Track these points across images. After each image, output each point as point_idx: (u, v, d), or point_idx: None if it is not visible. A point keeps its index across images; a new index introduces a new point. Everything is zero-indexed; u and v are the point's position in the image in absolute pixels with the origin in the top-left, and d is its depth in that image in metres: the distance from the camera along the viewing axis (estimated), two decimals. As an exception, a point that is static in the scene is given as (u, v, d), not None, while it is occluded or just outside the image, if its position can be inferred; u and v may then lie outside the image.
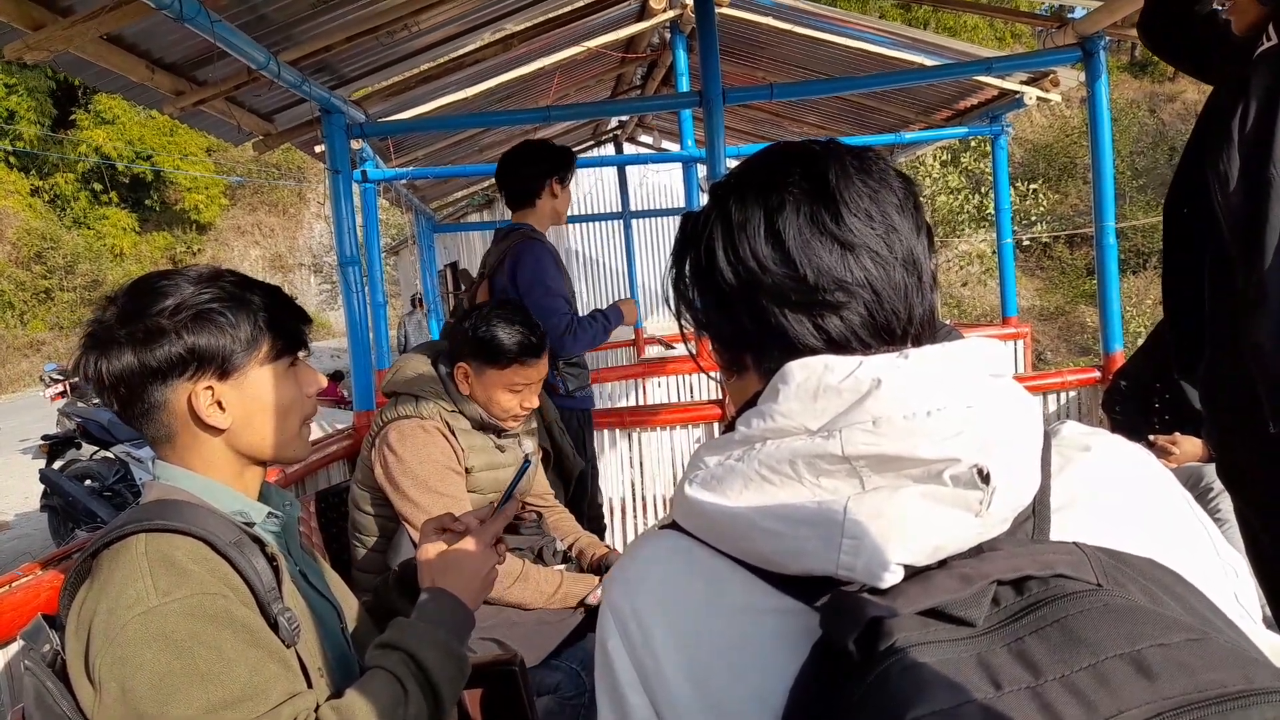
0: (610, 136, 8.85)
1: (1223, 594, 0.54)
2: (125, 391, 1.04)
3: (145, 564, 0.93)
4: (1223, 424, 1.58)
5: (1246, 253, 1.38)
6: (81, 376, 1.05)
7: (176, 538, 0.97)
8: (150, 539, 0.96)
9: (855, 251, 0.59)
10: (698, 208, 2.61)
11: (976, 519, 0.50)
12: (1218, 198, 1.42)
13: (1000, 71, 4.44)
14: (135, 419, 1.07)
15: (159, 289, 1.04)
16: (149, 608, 0.90)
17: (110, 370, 1.02)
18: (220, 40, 2.33)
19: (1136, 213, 16.48)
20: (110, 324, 1.03)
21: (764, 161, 0.65)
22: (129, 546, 0.95)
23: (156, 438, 1.08)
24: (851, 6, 18.07)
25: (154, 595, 0.91)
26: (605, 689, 0.59)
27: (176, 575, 0.93)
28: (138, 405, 1.05)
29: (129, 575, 0.93)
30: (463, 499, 1.94)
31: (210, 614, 0.92)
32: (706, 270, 0.64)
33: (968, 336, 0.66)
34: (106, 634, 0.90)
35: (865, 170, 0.62)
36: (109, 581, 0.93)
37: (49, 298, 23.24)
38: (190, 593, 0.92)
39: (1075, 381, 3.74)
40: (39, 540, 6.53)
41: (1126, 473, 0.61)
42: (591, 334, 2.62)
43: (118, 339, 1.02)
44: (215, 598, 0.94)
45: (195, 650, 0.90)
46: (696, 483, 0.58)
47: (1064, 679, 0.42)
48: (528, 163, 2.71)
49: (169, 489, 1.06)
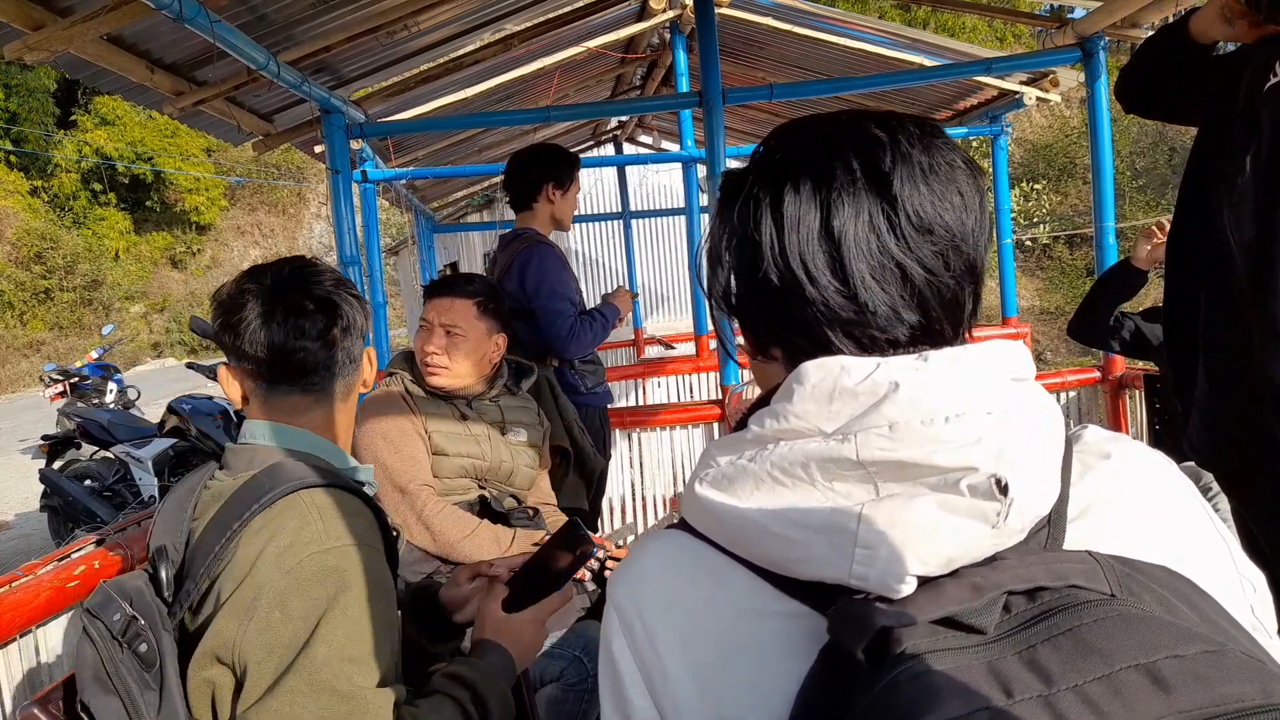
0: (610, 137, 8.85)
1: (1239, 606, 0.53)
2: (350, 341, 1.20)
3: (316, 512, 1.04)
4: (1215, 431, 1.59)
5: (1260, 289, 1.39)
6: (322, 332, 1.17)
7: (336, 491, 1.08)
8: (311, 493, 1.06)
9: (909, 271, 0.56)
10: (699, 209, 2.63)
11: (993, 530, 0.48)
12: (1231, 234, 1.43)
13: (1000, 72, 4.45)
14: (338, 369, 1.20)
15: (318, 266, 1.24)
16: (324, 548, 1.02)
17: (349, 321, 1.19)
18: (220, 40, 2.33)
19: (1136, 213, 16.47)
20: (331, 288, 1.19)
21: (818, 138, 0.59)
22: (293, 500, 1.05)
23: (324, 393, 1.20)
24: (851, 6, 18.06)
25: (328, 538, 1.03)
26: (609, 689, 0.58)
27: (344, 523, 1.05)
28: (348, 357, 1.21)
29: (304, 520, 1.03)
30: (424, 460, 2.01)
31: (370, 568, 1.04)
32: (750, 261, 0.59)
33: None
34: (279, 565, 1.00)
35: (933, 169, 0.57)
36: (281, 527, 1.02)
37: (49, 298, 23.22)
38: (357, 541, 1.04)
39: (1075, 381, 3.74)
40: (39, 540, 6.52)
41: (1146, 481, 0.59)
42: (592, 334, 2.63)
43: (348, 297, 1.20)
44: (375, 552, 1.06)
45: (353, 594, 1.00)
46: (707, 482, 0.57)
47: (1077, 689, 0.41)
48: (528, 165, 2.72)
49: (287, 452, 1.15)
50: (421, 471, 1.97)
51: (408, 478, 1.94)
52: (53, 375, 7.87)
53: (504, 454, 2.14)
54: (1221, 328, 1.53)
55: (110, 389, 7.51)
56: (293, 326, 1.14)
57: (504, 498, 2.13)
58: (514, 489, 2.18)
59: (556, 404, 2.52)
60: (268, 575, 0.99)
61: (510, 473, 2.16)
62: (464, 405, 2.12)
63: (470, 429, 2.10)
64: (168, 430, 5.86)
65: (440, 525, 1.92)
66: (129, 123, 24.71)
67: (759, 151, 0.62)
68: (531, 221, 2.72)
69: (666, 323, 11.34)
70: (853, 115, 0.60)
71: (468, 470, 2.07)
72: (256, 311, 1.14)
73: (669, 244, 11.97)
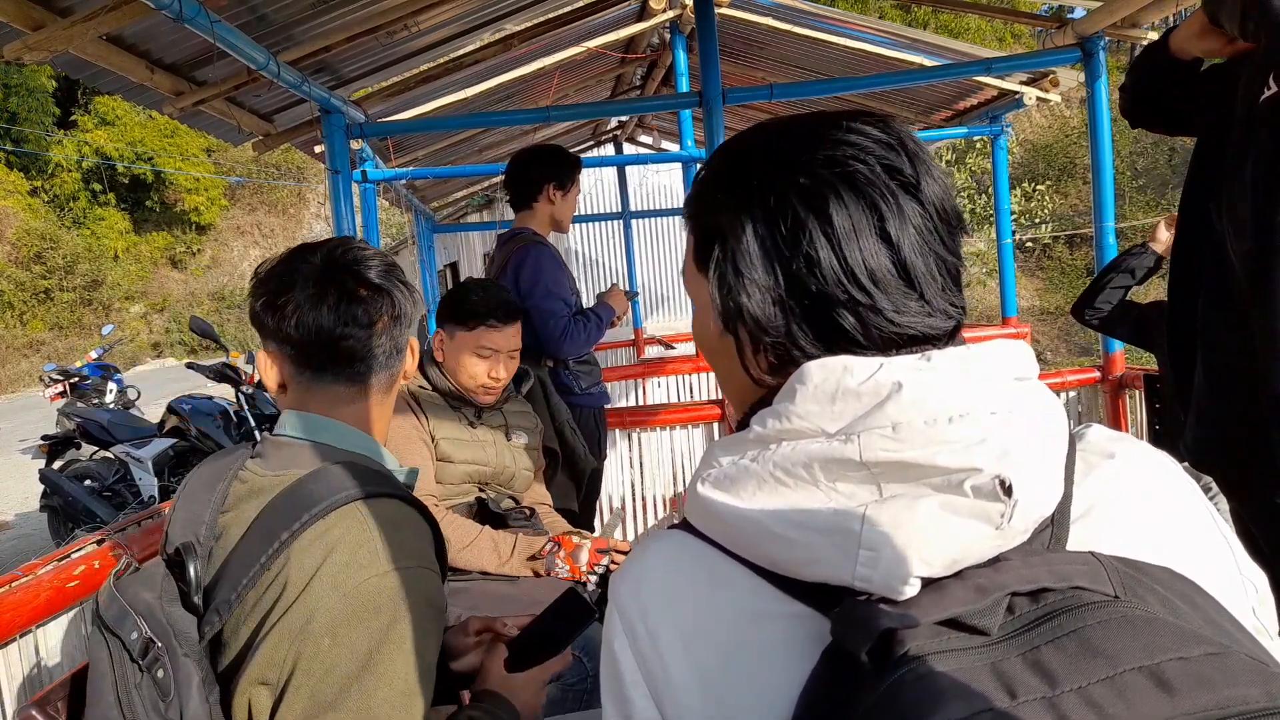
0: (610, 137, 8.85)
1: (1242, 608, 0.53)
2: (399, 331, 1.13)
3: (374, 529, 0.97)
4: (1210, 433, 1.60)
5: (1262, 303, 1.40)
6: (374, 320, 1.11)
7: (392, 503, 1.02)
8: (368, 505, 0.99)
9: (945, 259, 0.58)
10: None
11: (996, 531, 0.48)
12: (1232, 245, 1.44)
13: (1000, 72, 4.44)
14: (384, 359, 1.13)
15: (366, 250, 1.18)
16: (382, 572, 0.95)
17: (400, 310, 1.13)
18: (220, 40, 2.33)
19: (1136, 213, 16.47)
20: (384, 274, 1.12)
21: (848, 140, 0.58)
22: (352, 512, 0.98)
23: (366, 385, 1.12)
24: (851, 6, 18.06)
25: (385, 561, 0.96)
26: (610, 689, 0.58)
27: (400, 542, 0.98)
28: (395, 347, 1.14)
29: (360, 538, 0.96)
30: (427, 469, 1.99)
31: (426, 591, 0.98)
32: (799, 275, 0.57)
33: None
34: (336, 589, 0.93)
35: (925, 157, 0.59)
36: (337, 545, 0.95)
37: (49, 298, 23.21)
38: (415, 563, 0.98)
39: (1075, 381, 3.74)
40: (39, 540, 6.52)
41: (1150, 481, 0.59)
42: (587, 334, 2.63)
43: (400, 284, 1.14)
44: (430, 574, 1.01)
45: (408, 623, 0.95)
46: (709, 482, 0.57)
47: (1081, 690, 0.41)
48: (529, 165, 2.73)
49: (333, 452, 1.08)
50: (423, 482, 1.97)
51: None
52: (53, 375, 7.88)
53: (508, 459, 2.15)
54: (1221, 328, 1.53)
55: (110, 389, 7.52)
56: (344, 312, 1.07)
57: (502, 499, 2.13)
58: (513, 491, 2.19)
59: (549, 405, 2.52)
60: (322, 598, 0.93)
61: (512, 476, 2.17)
62: (472, 413, 2.12)
63: (477, 435, 2.10)
64: (168, 430, 5.87)
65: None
66: (129, 123, 24.70)
67: (751, 164, 0.60)
68: (530, 221, 2.72)
69: (666, 323, 11.35)
70: (833, 118, 0.60)
71: (472, 476, 2.07)
72: (307, 293, 1.06)
73: (669, 244, 11.98)
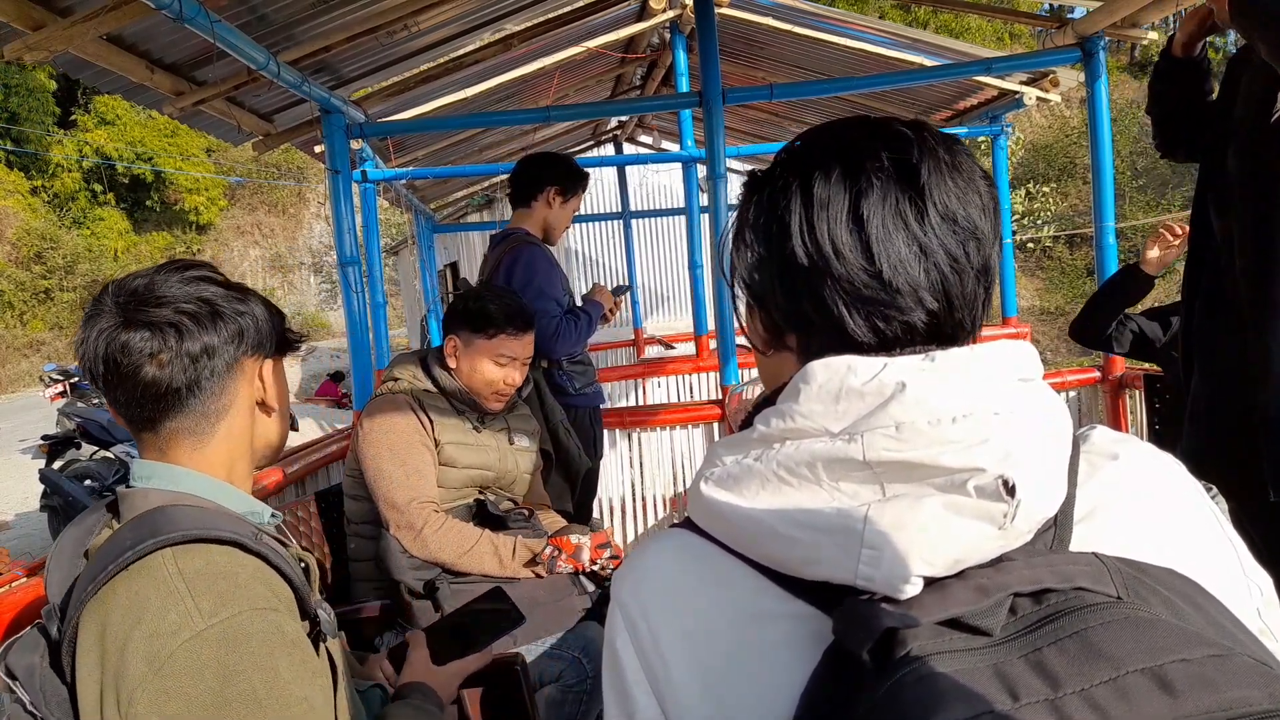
0: (610, 136, 8.84)
1: (1245, 610, 0.53)
2: (206, 362, 1.00)
3: (182, 584, 0.86)
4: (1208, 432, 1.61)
5: (1259, 318, 1.42)
6: (152, 354, 0.98)
7: (208, 548, 0.90)
8: (178, 553, 0.88)
9: (933, 255, 0.57)
10: (698, 209, 2.65)
11: (999, 531, 0.48)
12: (1236, 259, 1.46)
13: (1000, 72, 4.44)
14: (195, 401, 1.00)
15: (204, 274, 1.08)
16: (196, 632, 0.83)
17: (193, 346, 1.00)
18: (220, 40, 2.33)
19: (1136, 213, 16.48)
20: (174, 299, 1.01)
21: (847, 134, 0.61)
22: (154, 565, 0.87)
23: (181, 430, 1.01)
24: (851, 7, 18.06)
25: (199, 618, 0.84)
26: (612, 687, 0.58)
27: (219, 592, 0.86)
28: (209, 382, 1.01)
29: (167, 598, 0.85)
30: (429, 474, 1.97)
31: (263, 633, 0.86)
32: (777, 241, 0.60)
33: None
34: (151, 663, 0.82)
35: (956, 168, 0.59)
36: (144, 607, 0.84)
37: (49, 298, 23.19)
38: (239, 610, 0.86)
39: (1075, 381, 3.74)
40: (39, 540, 6.52)
41: (1153, 483, 0.59)
42: (576, 333, 2.65)
43: (219, 311, 1.03)
44: (265, 613, 0.87)
45: (250, 675, 0.83)
46: (712, 480, 0.57)
47: (1083, 692, 0.41)
48: (538, 165, 2.78)
49: (170, 495, 0.98)
50: (425, 487, 1.96)
51: (410, 494, 1.93)
52: (53, 375, 7.88)
53: (510, 463, 2.15)
54: (1220, 332, 1.54)
55: (110, 389, 7.50)
56: (118, 344, 0.97)
57: (501, 501, 2.13)
58: (513, 494, 2.19)
59: (543, 406, 2.52)
60: (141, 679, 0.81)
61: (513, 480, 2.18)
62: (476, 417, 2.12)
63: (481, 439, 2.10)
64: (168, 430, 5.85)
65: (439, 544, 1.91)
66: (129, 123, 24.69)
67: (787, 148, 0.64)
68: (525, 221, 2.74)
69: (666, 323, 11.33)
70: (878, 118, 0.62)
71: (474, 480, 2.07)
72: (95, 326, 0.99)
73: (669, 244, 11.96)
